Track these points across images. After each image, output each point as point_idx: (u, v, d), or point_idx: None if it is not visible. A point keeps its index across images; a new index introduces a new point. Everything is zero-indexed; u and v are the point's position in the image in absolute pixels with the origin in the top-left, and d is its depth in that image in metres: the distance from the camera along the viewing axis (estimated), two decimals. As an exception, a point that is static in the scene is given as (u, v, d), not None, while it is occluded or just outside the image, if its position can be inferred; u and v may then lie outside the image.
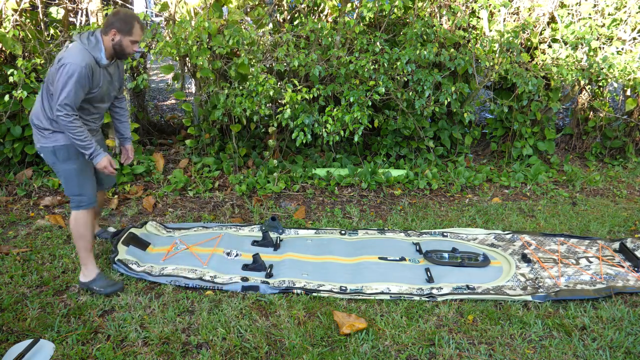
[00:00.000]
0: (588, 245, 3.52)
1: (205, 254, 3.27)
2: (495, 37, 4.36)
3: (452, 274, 3.09)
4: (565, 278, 3.06)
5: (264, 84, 3.96)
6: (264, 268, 3.10)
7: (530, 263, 3.24)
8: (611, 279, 3.04)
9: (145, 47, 4.19)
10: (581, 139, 5.58)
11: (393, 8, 4.36)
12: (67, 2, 4.37)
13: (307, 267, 3.16)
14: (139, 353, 2.39)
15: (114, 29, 2.64)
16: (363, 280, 3.01)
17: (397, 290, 2.90)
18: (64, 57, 2.57)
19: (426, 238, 3.59)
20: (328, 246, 3.43)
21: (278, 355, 2.40)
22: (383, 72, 4.20)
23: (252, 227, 3.68)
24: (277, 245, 3.42)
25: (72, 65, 2.53)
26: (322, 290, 2.88)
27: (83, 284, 2.86)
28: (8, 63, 4.35)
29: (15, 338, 2.47)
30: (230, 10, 4.33)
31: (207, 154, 4.88)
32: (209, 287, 2.89)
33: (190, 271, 3.05)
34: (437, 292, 2.89)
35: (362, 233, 3.64)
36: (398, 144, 5.08)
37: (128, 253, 3.18)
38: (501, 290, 2.93)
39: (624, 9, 4.64)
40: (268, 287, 2.88)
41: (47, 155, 2.79)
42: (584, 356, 2.42)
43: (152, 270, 3.05)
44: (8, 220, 3.77)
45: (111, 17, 2.66)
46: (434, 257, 3.27)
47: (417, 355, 2.42)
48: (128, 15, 2.67)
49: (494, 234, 3.65)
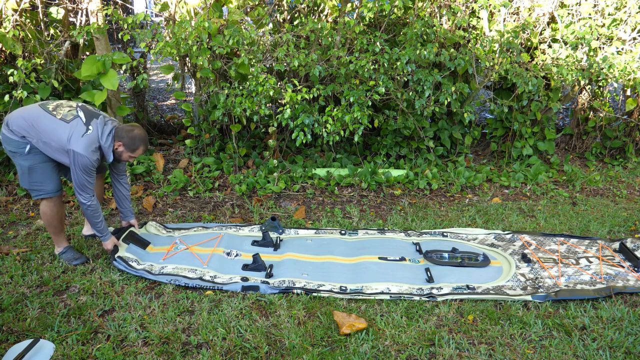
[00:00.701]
0: (588, 245, 3.52)
1: (205, 254, 3.27)
2: (495, 37, 4.36)
3: (452, 274, 3.09)
4: (565, 278, 3.06)
5: (264, 84, 3.96)
6: (264, 268, 3.10)
7: (530, 263, 3.24)
8: (611, 279, 3.04)
9: (145, 47, 4.19)
10: (581, 139, 5.58)
11: (393, 8, 4.36)
12: (67, 2, 4.37)
13: (307, 267, 3.16)
14: (139, 353, 2.39)
15: (122, 142, 2.99)
16: (363, 280, 3.01)
17: (397, 290, 2.90)
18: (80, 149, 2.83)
19: (426, 238, 3.59)
20: (328, 246, 3.43)
21: (278, 355, 2.40)
22: (383, 72, 4.20)
23: (252, 227, 3.68)
24: (277, 246, 3.42)
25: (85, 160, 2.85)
26: (322, 290, 2.88)
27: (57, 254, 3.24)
28: (8, 63, 4.35)
29: (15, 338, 2.47)
30: (230, 10, 4.33)
31: (207, 154, 4.88)
32: (209, 287, 2.89)
33: (190, 271, 3.05)
34: (437, 292, 2.89)
35: (362, 233, 3.64)
36: (398, 144, 5.08)
37: (128, 251, 3.18)
38: (501, 290, 2.92)
39: (624, 9, 4.64)
40: (268, 287, 2.88)
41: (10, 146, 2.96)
42: (584, 356, 2.42)
43: (152, 268, 3.05)
44: (8, 220, 3.77)
45: (125, 132, 2.99)
46: (434, 257, 3.27)
47: (417, 355, 2.42)
48: (138, 137, 3.00)
49: (494, 234, 3.65)
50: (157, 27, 4.33)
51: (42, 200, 3.07)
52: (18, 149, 2.90)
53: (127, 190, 3.34)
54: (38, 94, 4.09)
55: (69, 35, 4.33)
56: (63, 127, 2.85)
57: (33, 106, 2.97)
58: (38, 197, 3.04)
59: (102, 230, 3.09)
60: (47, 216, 3.10)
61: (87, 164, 2.85)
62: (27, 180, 2.99)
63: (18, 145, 2.89)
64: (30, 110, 2.93)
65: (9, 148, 2.94)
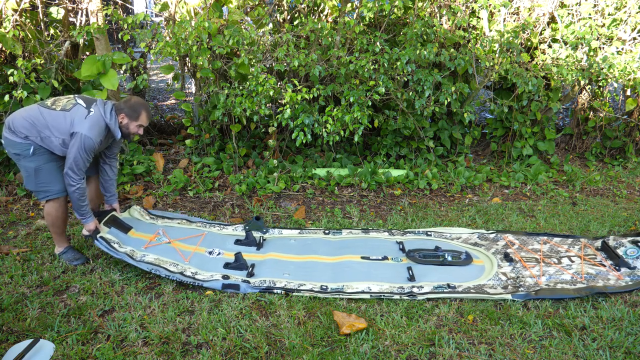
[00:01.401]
0: (571, 244, 3.51)
1: (188, 251, 3.28)
2: (495, 37, 4.36)
3: (433, 273, 3.09)
4: (546, 277, 3.06)
5: (264, 84, 3.96)
6: (245, 267, 3.10)
7: (512, 262, 3.24)
8: (592, 279, 3.04)
9: (145, 47, 4.19)
10: (581, 139, 5.58)
11: (393, 8, 4.35)
12: (67, 2, 4.37)
13: (289, 266, 3.15)
14: (139, 353, 2.39)
15: (123, 113, 3.03)
16: (344, 279, 3.01)
17: (378, 289, 2.90)
18: (84, 130, 2.87)
19: (410, 237, 3.59)
20: (311, 246, 3.43)
21: (278, 355, 2.40)
22: (383, 72, 4.20)
23: (236, 227, 3.67)
24: (260, 245, 3.41)
25: (89, 141, 2.88)
26: (302, 290, 2.87)
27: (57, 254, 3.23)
28: (8, 63, 4.35)
29: (15, 338, 2.47)
30: (230, 10, 4.33)
31: (207, 154, 4.88)
32: (190, 282, 2.89)
33: (172, 264, 3.05)
34: (417, 290, 2.89)
35: (346, 233, 3.64)
36: (398, 144, 5.08)
37: (109, 234, 3.19)
38: (482, 289, 2.93)
39: (624, 9, 4.64)
40: (248, 286, 2.88)
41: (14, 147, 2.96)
42: (584, 356, 2.42)
43: (134, 254, 3.06)
44: (8, 220, 3.77)
45: (123, 103, 3.04)
46: (416, 256, 3.26)
47: (417, 355, 2.42)
48: (137, 103, 3.05)
49: (477, 233, 3.64)
50: (157, 27, 4.33)
51: (48, 201, 3.06)
52: (22, 151, 2.92)
53: (115, 174, 3.38)
54: (38, 94, 4.09)
55: (69, 35, 4.33)
56: (64, 116, 2.90)
57: (32, 106, 3.01)
58: (45, 198, 3.04)
59: (86, 212, 3.06)
60: (51, 217, 3.10)
61: (90, 145, 2.88)
62: (34, 182, 2.99)
63: (22, 147, 2.91)
64: (30, 109, 2.97)
65: (13, 151, 2.95)
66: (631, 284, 2.98)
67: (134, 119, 3.04)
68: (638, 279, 3.03)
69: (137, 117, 3.04)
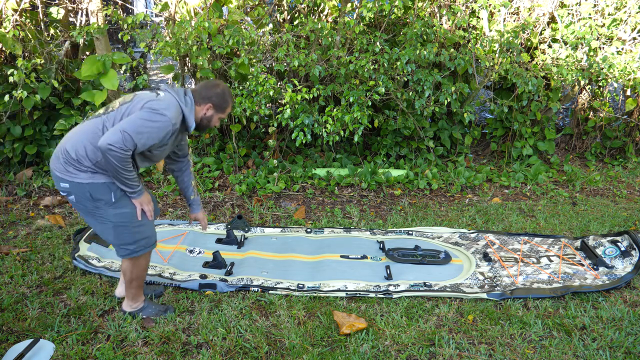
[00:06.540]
0: (551, 244, 3.52)
1: (167, 250, 3.28)
2: (495, 37, 4.36)
3: (411, 272, 3.09)
4: (523, 277, 3.07)
5: (264, 84, 3.96)
6: (223, 265, 3.10)
7: (491, 262, 3.25)
8: (569, 278, 3.05)
9: (145, 47, 4.19)
10: (581, 139, 5.58)
11: (393, 8, 4.35)
12: (67, 2, 4.36)
13: (267, 265, 3.16)
14: (139, 353, 2.39)
15: (211, 103, 2.40)
16: (322, 278, 3.01)
17: (354, 288, 2.91)
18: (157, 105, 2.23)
19: (391, 236, 3.60)
20: (292, 244, 3.44)
21: (278, 355, 2.40)
22: (383, 72, 4.20)
23: (218, 225, 3.68)
24: (241, 243, 3.41)
25: (163, 118, 2.21)
26: (279, 288, 2.87)
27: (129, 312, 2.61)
28: (8, 63, 4.35)
29: (15, 338, 2.47)
30: (230, 10, 4.33)
31: (207, 154, 4.88)
32: (167, 283, 2.89)
33: (150, 267, 3.02)
34: (393, 289, 2.89)
35: (327, 231, 3.65)
36: (398, 144, 5.08)
37: (90, 250, 3.19)
38: (458, 287, 2.93)
39: (624, 9, 4.64)
40: (225, 285, 2.88)
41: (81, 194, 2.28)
42: (584, 356, 2.42)
43: (112, 265, 3.06)
44: (8, 220, 3.77)
45: (209, 90, 2.39)
46: (395, 255, 3.27)
47: (417, 355, 2.42)
48: (227, 92, 2.43)
49: (458, 233, 3.65)
50: (157, 27, 4.33)
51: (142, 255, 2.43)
52: (104, 196, 2.27)
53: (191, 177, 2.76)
54: (38, 94, 4.09)
55: (69, 35, 4.33)
56: (126, 108, 2.26)
57: (80, 126, 2.31)
58: (144, 251, 2.42)
59: (135, 183, 2.27)
60: (140, 268, 2.48)
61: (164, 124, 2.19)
62: (130, 232, 2.35)
63: (102, 190, 2.26)
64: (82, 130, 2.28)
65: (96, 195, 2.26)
66: (608, 283, 2.98)
67: (221, 110, 2.43)
68: (615, 278, 3.03)
69: (225, 109, 2.44)
